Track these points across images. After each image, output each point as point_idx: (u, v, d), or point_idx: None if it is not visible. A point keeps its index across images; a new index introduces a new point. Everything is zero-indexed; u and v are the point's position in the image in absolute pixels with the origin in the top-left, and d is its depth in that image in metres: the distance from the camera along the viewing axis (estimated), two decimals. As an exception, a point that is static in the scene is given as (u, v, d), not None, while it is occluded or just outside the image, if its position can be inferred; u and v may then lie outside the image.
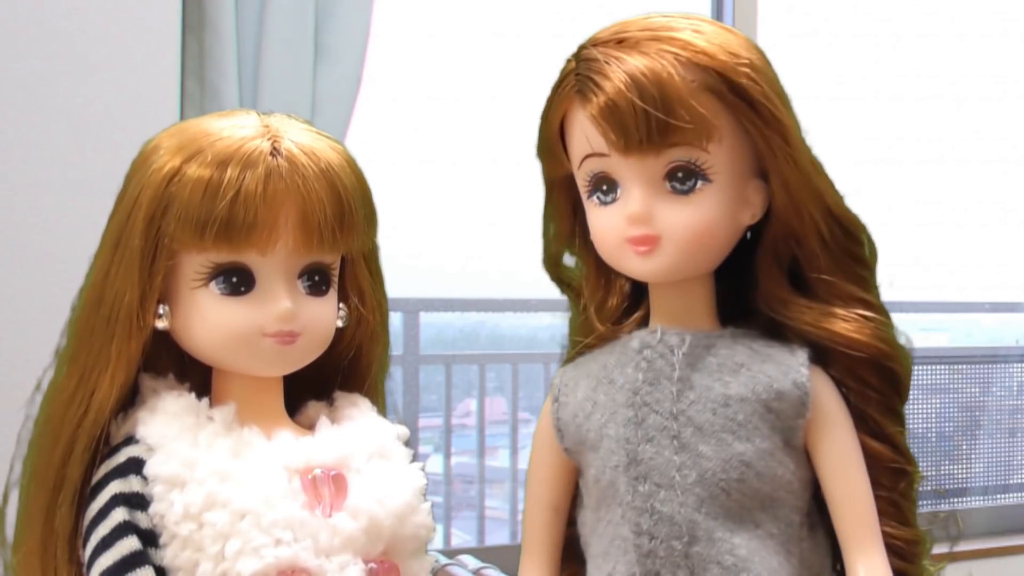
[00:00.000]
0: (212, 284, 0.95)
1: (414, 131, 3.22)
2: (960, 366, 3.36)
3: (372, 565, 0.96)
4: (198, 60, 1.97)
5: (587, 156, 1.01)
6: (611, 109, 0.97)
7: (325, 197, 0.95)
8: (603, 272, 1.09)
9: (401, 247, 1.06)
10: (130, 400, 0.99)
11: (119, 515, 0.91)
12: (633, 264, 1.01)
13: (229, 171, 0.92)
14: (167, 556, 0.91)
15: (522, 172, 1.13)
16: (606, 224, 1.02)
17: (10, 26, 1.82)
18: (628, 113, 0.96)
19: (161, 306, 0.96)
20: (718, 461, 0.99)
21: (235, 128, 0.96)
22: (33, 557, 0.96)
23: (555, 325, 1.17)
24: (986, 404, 3.41)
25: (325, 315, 1.00)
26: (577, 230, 1.09)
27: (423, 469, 1.04)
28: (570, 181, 1.06)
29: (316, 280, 0.98)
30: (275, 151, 0.94)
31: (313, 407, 1.05)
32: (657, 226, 0.99)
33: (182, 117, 1.94)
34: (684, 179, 0.99)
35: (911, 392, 1.06)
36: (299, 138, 0.97)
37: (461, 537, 3.78)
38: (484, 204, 3.49)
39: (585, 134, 1.00)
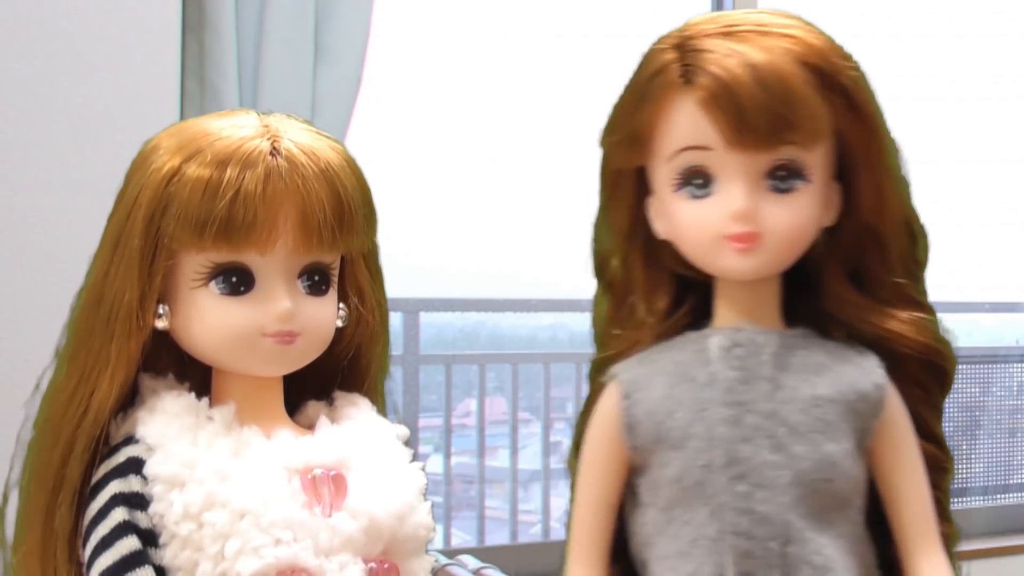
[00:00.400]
0: (212, 284, 0.95)
1: (414, 131, 3.22)
2: (960, 366, 3.35)
3: (372, 565, 0.96)
4: (198, 60, 1.97)
5: (685, 148, 0.99)
6: (730, 99, 0.95)
7: (325, 197, 0.95)
8: (653, 269, 1.07)
9: (401, 247, 1.06)
10: (130, 400, 0.99)
11: (119, 515, 0.91)
12: (729, 261, 1.00)
13: (228, 171, 0.92)
14: (167, 556, 0.91)
15: (522, 172, 1.13)
16: (701, 219, 1.00)
17: (10, 26, 1.82)
18: (748, 104, 0.95)
19: (161, 306, 0.96)
20: (811, 462, 0.98)
21: (235, 128, 0.95)
22: (33, 557, 0.96)
23: (555, 325, 1.16)
24: (986, 404, 3.41)
25: (325, 315, 0.99)
26: (638, 224, 1.06)
27: (423, 469, 1.03)
28: (639, 174, 1.05)
29: (316, 280, 0.98)
30: (275, 151, 0.94)
31: (313, 407, 1.04)
32: (759, 224, 0.98)
33: (182, 117, 1.94)
34: (786, 178, 0.99)
35: None
36: (299, 138, 0.97)
37: (461, 537, 3.78)
38: (484, 204, 3.49)
39: (690, 125, 0.98)
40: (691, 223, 1.00)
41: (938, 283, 1.12)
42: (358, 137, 2.06)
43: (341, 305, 1.02)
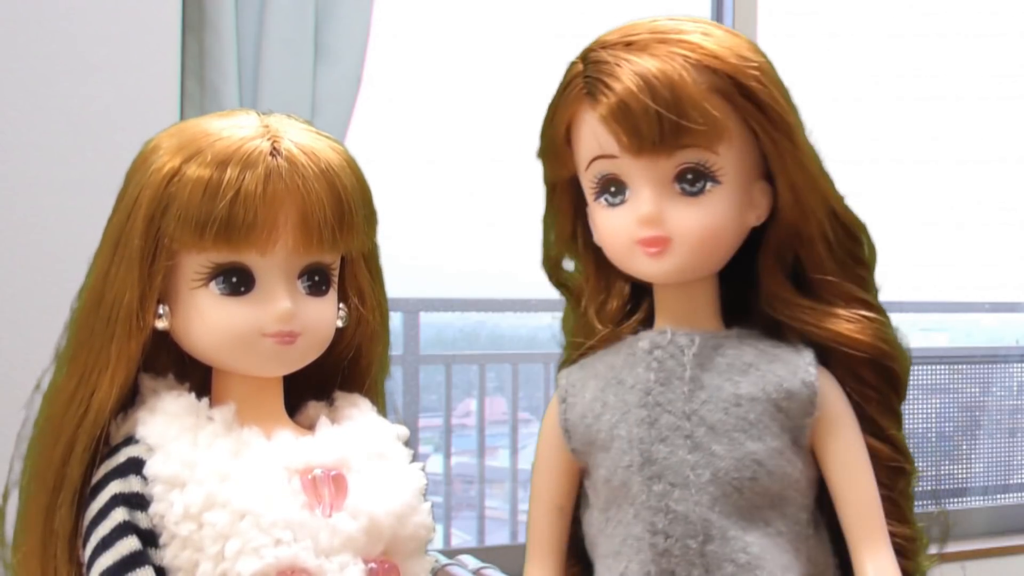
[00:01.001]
0: (212, 284, 0.95)
1: (414, 131, 3.22)
2: (960, 366, 3.36)
3: (372, 565, 0.96)
4: (198, 60, 1.97)
5: (595, 158, 1.01)
6: (623, 110, 0.97)
7: (325, 197, 0.95)
8: (603, 274, 1.09)
9: (401, 247, 1.06)
10: (130, 400, 0.98)
11: (119, 515, 0.91)
12: (643, 265, 1.02)
13: (229, 171, 0.92)
14: (167, 556, 0.91)
15: (522, 172, 1.13)
16: (615, 225, 1.02)
17: (10, 26, 1.82)
18: (640, 114, 0.97)
19: (161, 306, 0.96)
20: (731, 460, 0.99)
21: (235, 128, 0.96)
22: (33, 557, 0.96)
23: (555, 325, 1.17)
24: (986, 404, 3.41)
25: (325, 315, 1.00)
26: (579, 232, 1.09)
27: (423, 469, 1.03)
28: (572, 183, 1.07)
29: (316, 280, 0.98)
30: (275, 151, 0.94)
31: (313, 407, 1.04)
32: (668, 227, 1.00)
33: (182, 117, 1.94)
34: (694, 181, 1.00)
35: (911, 392, 1.08)
36: (299, 138, 0.97)
37: (461, 537, 3.78)
38: (484, 204, 3.49)
39: (595, 136, 1.00)
40: (608, 229, 1.03)
41: (938, 283, 1.12)
42: (358, 137, 2.06)
43: (341, 305, 1.02)
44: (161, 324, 0.96)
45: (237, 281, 0.95)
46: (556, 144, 1.04)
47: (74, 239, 1.83)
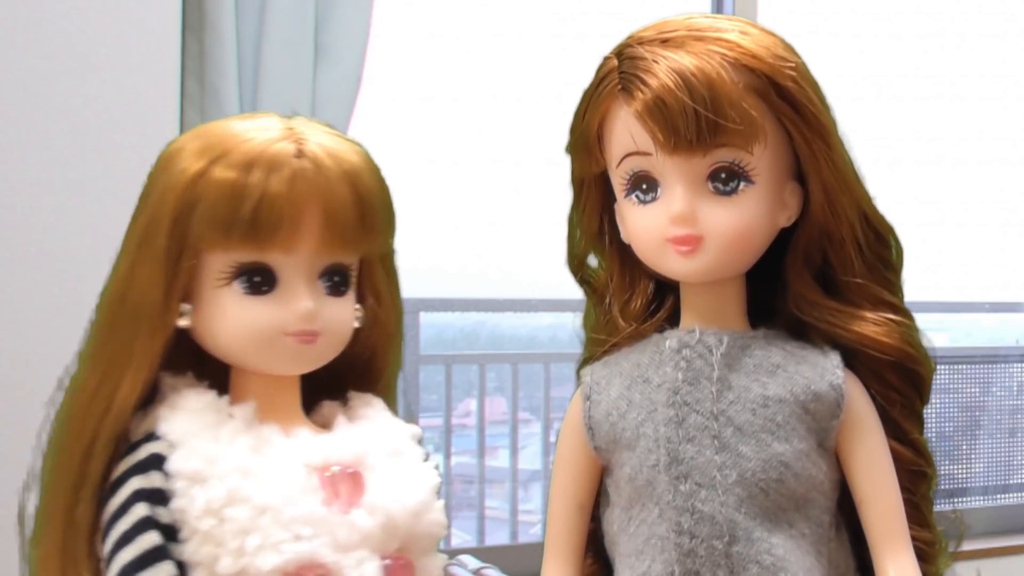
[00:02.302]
0: (235, 283, 0.96)
1: (414, 131, 3.22)
2: (960, 366, 3.36)
3: (387, 561, 0.97)
4: (198, 60, 1.97)
5: (628, 155, 1.01)
6: (660, 107, 0.96)
7: (348, 198, 0.97)
8: (628, 272, 1.09)
9: (401, 247, 1.07)
10: (149, 398, 0.99)
11: (140, 510, 0.92)
12: (674, 264, 1.01)
13: (255, 173, 0.93)
14: (187, 551, 0.92)
15: (522, 172, 1.13)
16: (646, 223, 1.01)
17: (10, 26, 1.82)
18: (678, 112, 0.96)
19: (184, 305, 0.97)
20: (758, 461, 0.99)
21: (259, 130, 0.97)
22: (53, 553, 0.96)
23: (555, 325, 1.17)
24: (986, 404, 3.41)
25: (344, 315, 1.01)
26: (606, 229, 1.09)
27: (436, 467, 1.05)
28: (601, 179, 1.06)
29: (336, 281, 1.00)
30: (300, 153, 0.95)
31: (328, 406, 1.06)
32: (700, 226, 0.99)
33: (182, 117, 1.94)
34: (727, 180, 0.99)
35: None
36: (322, 140, 0.98)
37: (461, 537, 3.78)
38: (484, 204, 3.49)
39: (629, 132, 1.00)
40: (638, 227, 1.02)
41: (938, 283, 1.12)
42: (358, 137, 2.05)
43: (358, 306, 1.03)
44: (184, 322, 0.97)
45: (260, 280, 0.96)
46: (588, 140, 1.04)
47: (74, 239, 1.84)
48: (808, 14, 3.26)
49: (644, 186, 1.01)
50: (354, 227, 0.97)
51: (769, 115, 0.99)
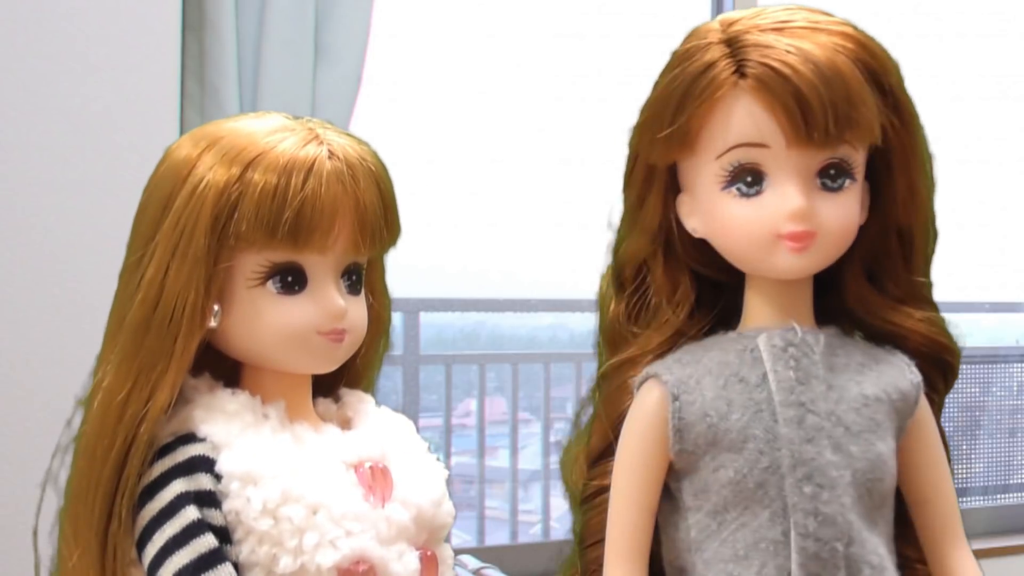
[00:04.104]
0: (268, 283, 0.98)
1: (414, 131, 3.22)
2: (960, 366, 3.36)
3: (419, 553, 1.00)
4: (198, 60, 1.97)
5: (738, 145, 0.97)
6: (798, 99, 0.94)
7: (376, 199, 0.99)
8: (673, 267, 1.06)
9: (401, 247, 1.07)
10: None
11: (191, 513, 0.92)
12: (782, 260, 0.99)
13: (296, 175, 0.95)
14: (243, 552, 0.93)
15: (522, 172, 1.13)
16: (752, 217, 0.98)
17: (10, 26, 1.82)
18: (816, 105, 0.94)
19: (215, 305, 0.98)
20: (866, 461, 0.99)
21: (284, 131, 0.98)
22: (91, 563, 0.95)
23: (555, 325, 1.16)
24: (986, 404, 3.41)
25: (363, 313, 1.03)
26: (666, 223, 1.05)
27: (439, 459, 1.07)
28: (671, 172, 1.04)
29: (353, 280, 1.02)
30: (331, 154, 0.97)
31: (322, 404, 1.07)
32: (815, 223, 0.98)
33: (182, 117, 1.94)
34: (836, 176, 0.98)
35: None
36: (343, 141, 1.00)
37: (461, 537, 3.78)
38: (484, 204, 3.49)
39: (748, 121, 0.96)
40: (740, 222, 0.99)
41: (938, 283, 1.12)
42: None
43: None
44: (214, 323, 0.98)
45: (292, 280, 0.98)
46: (685, 129, 0.99)
47: (74, 239, 1.84)
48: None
49: (747, 179, 0.98)
50: (381, 226, 1.00)
51: (880, 113, 0.98)
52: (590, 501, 1.08)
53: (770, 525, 0.97)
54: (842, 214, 0.99)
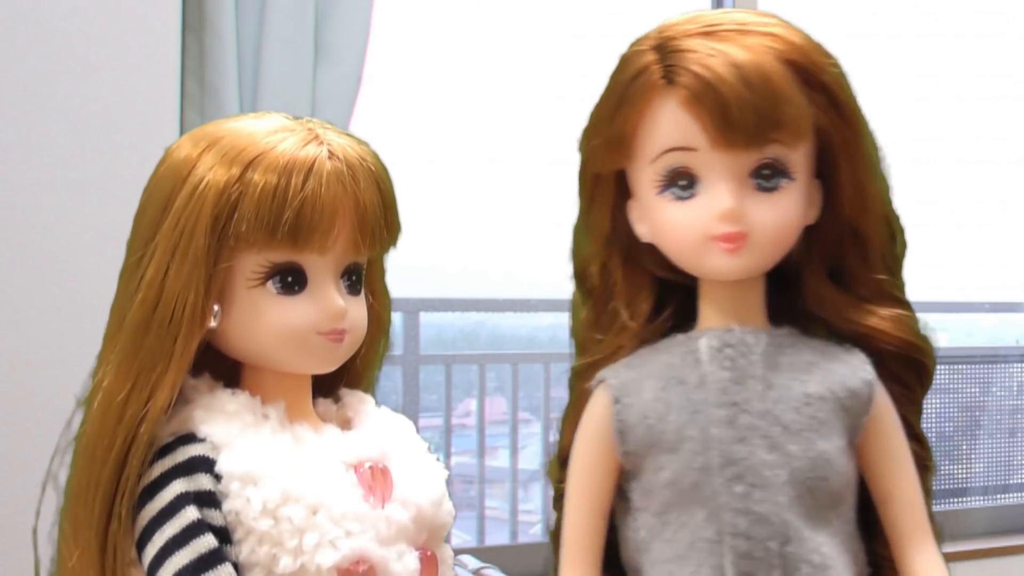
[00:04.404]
0: (268, 283, 0.98)
1: (414, 131, 3.22)
2: (960, 366, 3.36)
3: (418, 553, 1.00)
4: (198, 60, 1.97)
5: (669, 150, 0.98)
6: (718, 101, 0.95)
7: (375, 198, 0.99)
8: (633, 272, 1.07)
9: (401, 247, 1.08)
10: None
11: (191, 513, 0.92)
12: (716, 262, 0.99)
13: (296, 176, 0.95)
14: (243, 552, 0.92)
15: (522, 172, 1.12)
16: (686, 220, 0.99)
17: (10, 26, 1.82)
18: (736, 106, 0.94)
19: (215, 306, 0.98)
20: (806, 460, 0.98)
21: (284, 131, 0.98)
22: (90, 564, 0.95)
23: (555, 325, 1.16)
24: (986, 404, 3.41)
25: (363, 313, 1.03)
26: (618, 228, 1.06)
27: (439, 459, 1.07)
28: (618, 177, 1.04)
29: (353, 280, 1.02)
30: (331, 154, 0.97)
31: (322, 404, 1.07)
32: (746, 223, 0.98)
33: (182, 117, 1.94)
34: (770, 176, 0.99)
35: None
36: (342, 141, 1.00)
37: (461, 537, 3.78)
38: (484, 204, 3.49)
39: (673, 126, 0.97)
40: (676, 225, 1.00)
41: (938, 283, 1.12)
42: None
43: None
44: (214, 323, 0.98)
45: (292, 280, 0.98)
46: (618, 135, 1.00)
47: (74, 239, 1.84)
48: (808, 14, 3.26)
49: (683, 182, 0.99)
50: (381, 226, 1.00)
51: (811, 111, 0.98)
52: (561, 501, 1.09)
53: (705, 525, 0.98)
54: (776, 214, 0.99)
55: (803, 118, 0.97)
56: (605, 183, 1.05)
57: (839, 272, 1.05)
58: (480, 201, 3.49)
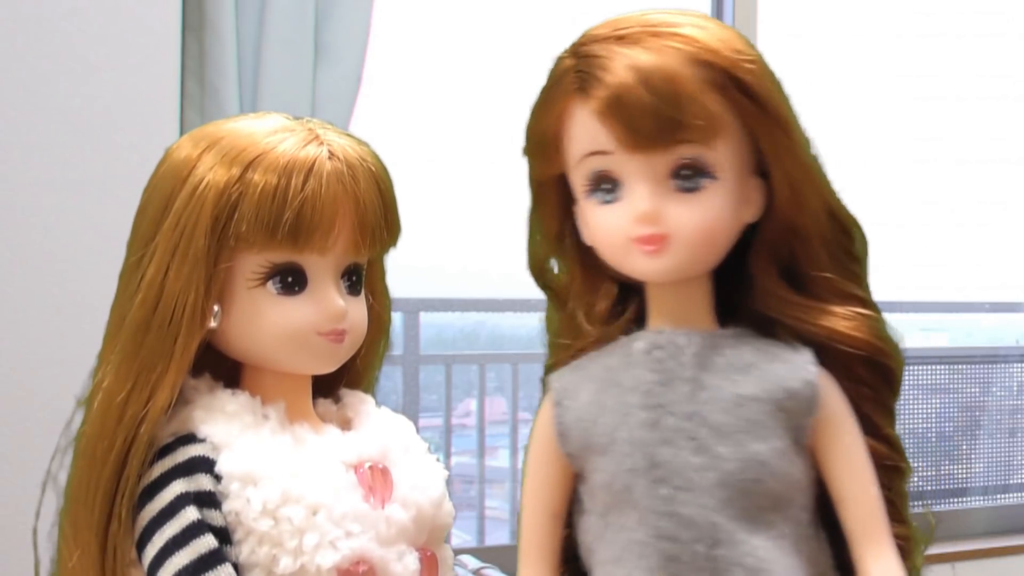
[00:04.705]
0: (269, 284, 0.98)
1: (414, 131, 3.22)
2: (960, 366, 3.36)
3: (418, 554, 1.00)
4: (198, 60, 1.97)
5: (588, 154, 0.99)
6: (619, 105, 0.95)
7: (375, 198, 1.00)
8: (590, 274, 1.07)
9: (401, 247, 1.08)
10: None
11: (191, 514, 0.92)
12: (639, 264, 1.00)
13: (296, 176, 0.95)
14: (243, 553, 0.93)
15: (522, 172, 1.12)
16: (609, 223, 1.00)
17: (10, 26, 1.82)
18: (636, 109, 0.95)
19: (215, 306, 0.98)
20: (736, 462, 0.98)
21: (284, 132, 0.98)
22: (91, 564, 0.95)
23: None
24: (986, 404, 3.41)
25: (363, 314, 1.03)
26: (566, 231, 1.07)
27: (439, 459, 1.08)
28: (560, 181, 1.05)
29: (353, 280, 1.02)
30: (331, 155, 0.97)
31: (323, 404, 1.07)
32: (665, 225, 0.98)
33: (182, 117, 1.94)
34: (690, 177, 0.98)
35: (911, 392, 1.08)
36: (342, 142, 1.00)
37: (461, 537, 3.78)
38: (485, 204, 3.49)
39: (587, 131, 0.98)
40: (602, 227, 1.00)
41: (938, 283, 1.12)
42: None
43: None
44: (214, 323, 0.98)
45: (292, 281, 0.98)
46: (544, 141, 1.02)
47: (74, 239, 1.84)
48: (808, 14, 3.26)
49: (606, 186, 0.99)
50: (381, 227, 1.01)
51: (729, 110, 0.97)
52: None
53: (637, 527, 0.97)
54: (698, 215, 0.98)
55: (711, 118, 0.96)
56: (548, 188, 1.06)
57: (791, 272, 1.04)
58: (480, 201, 3.49)
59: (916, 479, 1.06)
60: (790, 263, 1.03)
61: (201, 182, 0.96)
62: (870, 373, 1.04)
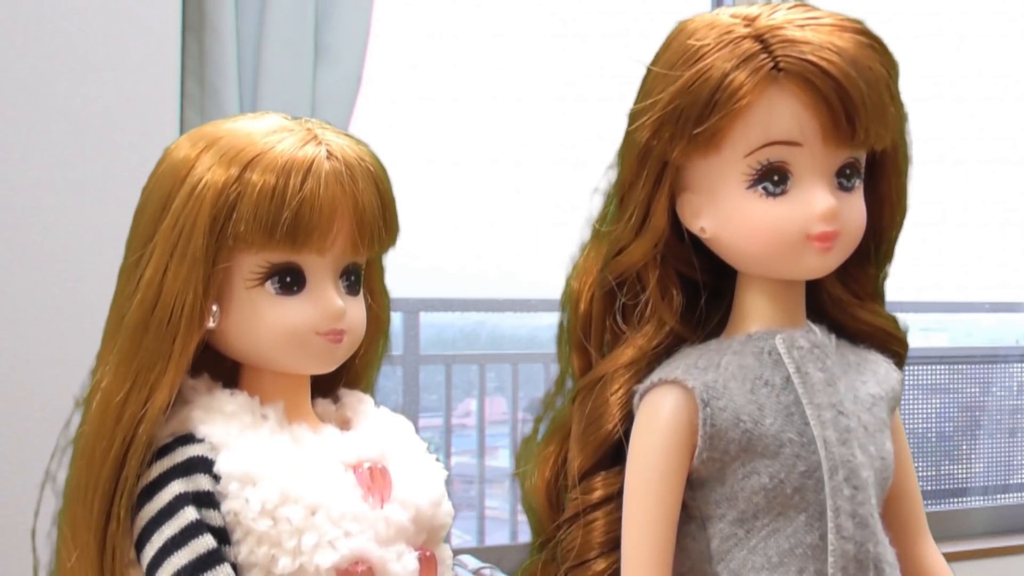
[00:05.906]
0: (267, 284, 0.98)
1: (414, 131, 3.22)
2: (960, 366, 3.36)
3: (418, 554, 1.00)
4: (198, 60, 1.97)
5: (772, 143, 0.94)
6: (842, 97, 0.92)
7: (374, 199, 0.99)
8: (669, 271, 1.03)
9: (401, 247, 1.08)
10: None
11: (190, 514, 0.92)
12: (810, 260, 0.96)
13: (295, 176, 0.95)
14: (241, 553, 0.92)
15: (522, 172, 1.12)
16: (780, 218, 0.95)
17: (10, 26, 1.82)
18: (857, 101, 0.92)
19: (213, 306, 0.98)
20: (881, 460, 0.98)
21: (283, 132, 0.98)
22: (90, 564, 0.95)
23: (555, 325, 1.14)
24: (986, 404, 3.41)
25: (362, 313, 1.03)
26: (671, 223, 1.01)
27: (438, 459, 1.07)
28: (677, 170, 0.99)
29: (352, 280, 1.02)
30: (330, 155, 0.97)
31: (321, 404, 1.07)
32: (839, 223, 0.96)
33: (182, 117, 1.94)
34: (850, 176, 0.97)
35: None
36: (341, 142, 1.00)
37: (461, 537, 3.78)
38: (484, 204, 3.49)
39: (788, 117, 0.93)
40: (768, 222, 0.96)
41: (938, 283, 1.14)
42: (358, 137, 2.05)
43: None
44: (212, 323, 0.98)
45: (291, 281, 0.98)
46: (716, 125, 0.94)
47: (74, 239, 1.84)
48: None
49: (775, 178, 0.95)
50: (380, 227, 1.00)
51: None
52: (586, 515, 1.03)
53: (807, 530, 0.95)
54: (858, 213, 0.98)
55: (896, 120, 0.96)
56: (669, 176, 0.99)
57: (844, 272, 1.04)
58: (480, 201, 3.49)
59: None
60: (848, 265, 1.03)
61: (199, 182, 0.96)
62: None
